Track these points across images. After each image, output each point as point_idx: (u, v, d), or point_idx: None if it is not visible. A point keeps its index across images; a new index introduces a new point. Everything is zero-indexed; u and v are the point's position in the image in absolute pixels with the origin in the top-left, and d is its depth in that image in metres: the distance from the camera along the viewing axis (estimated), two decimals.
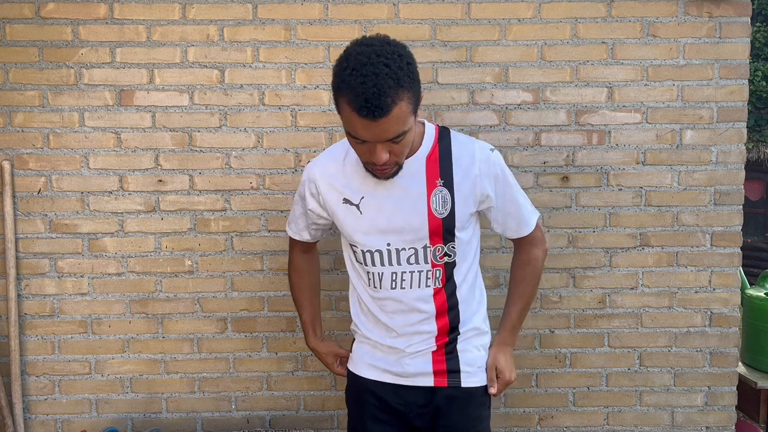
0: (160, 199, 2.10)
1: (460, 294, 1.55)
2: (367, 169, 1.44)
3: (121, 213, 2.10)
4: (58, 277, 2.11)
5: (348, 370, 1.67)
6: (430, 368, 1.55)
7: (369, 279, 1.54)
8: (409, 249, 1.49)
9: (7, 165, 2.05)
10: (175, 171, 2.10)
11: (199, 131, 2.09)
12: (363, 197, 1.49)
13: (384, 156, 1.34)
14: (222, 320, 2.13)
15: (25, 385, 2.12)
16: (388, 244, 1.49)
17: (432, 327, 1.53)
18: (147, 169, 2.09)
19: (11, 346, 2.06)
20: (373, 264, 1.51)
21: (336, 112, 1.35)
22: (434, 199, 1.47)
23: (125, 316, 2.12)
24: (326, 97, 2.08)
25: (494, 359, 1.61)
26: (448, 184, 1.48)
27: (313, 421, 2.16)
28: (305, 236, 1.70)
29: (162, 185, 2.10)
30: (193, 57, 2.06)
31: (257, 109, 2.08)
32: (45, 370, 2.13)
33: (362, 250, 1.51)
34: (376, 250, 1.50)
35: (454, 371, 1.55)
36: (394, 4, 2.06)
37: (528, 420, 2.17)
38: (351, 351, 1.67)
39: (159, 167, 2.09)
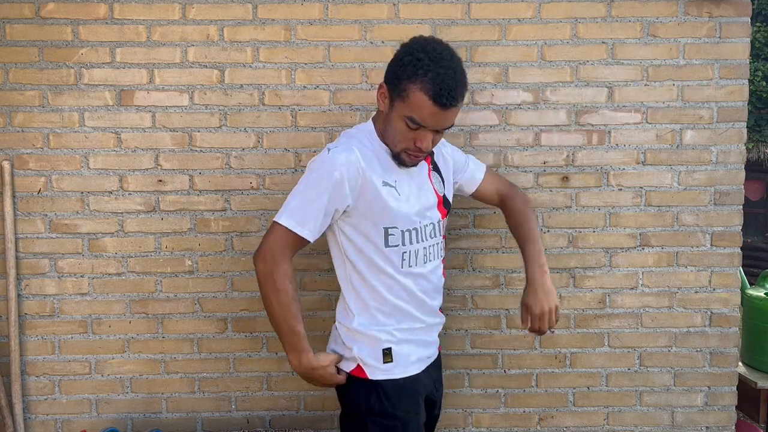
0: (160, 199, 2.10)
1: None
2: (397, 157, 1.57)
3: (121, 213, 2.10)
4: (58, 277, 2.11)
5: (385, 380, 1.59)
6: (438, 340, 1.75)
7: (403, 260, 1.60)
8: (429, 224, 1.65)
9: (7, 165, 2.05)
10: (175, 171, 2.10)
11: (199, 131, 2.09)
12: (396, 180, 1.59)
13: (431, 143, 1.51)
14: (222, 320, 2.13)
15: (25, 385, 2.12)
16: (420, 221, 1.62)
17: (442, 294, 1.74)
18: (147, 169, 2.09)
19: (11, 346, 2.06)
20: (410, 242, 1.60)
21: (385, 102, 1.53)
22: (434, 180, 1.70)
23: (125, 316, 2.12)
24: (326, 97, 2.08)
25: (545, 279, 1.71)
26: (436, 168, 1.73)
27: (313, 421, 2.16)
28: (316, 235, 1.55)
29: (162, 185, 2.10)
30: (193, 57, 2.06)
31: (257, 109, 2.08)
32: (45, 370, 2.13)
33: (402, 230, 1.58)
34: (413, 228, 1.61)
35: (439, 336, 1.76)
36: (394, 4, 2.06)
37: (528, 420, 2.17)
38: (386, 360, 1.60)
39: (159, 167, 2.09)
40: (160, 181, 2.09)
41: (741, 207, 2.13)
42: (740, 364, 2.44)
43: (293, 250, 1.55)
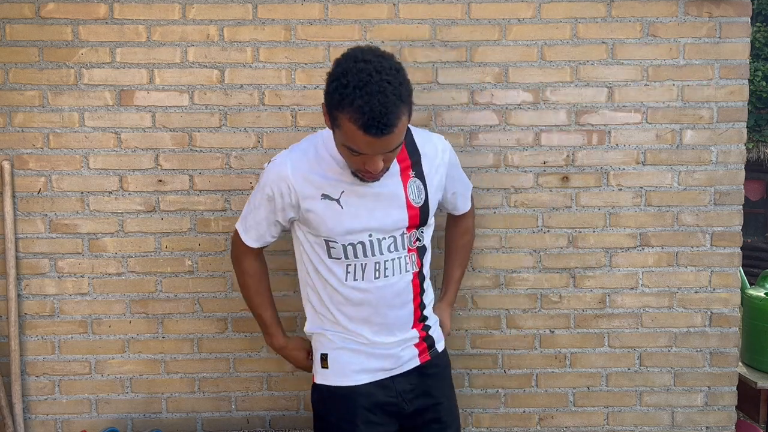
0: (160, 199, 2.10)
1: (426, 275, 1.67)
2: (354, 174, 1.49)
3: (121, 213, 2.10)
4: (58, 277, 2.11)
5: (322, 385, 1.63)
6: (416, 350, 1.65)
7: (347, 273, 1.55)
8: (389, 237, 1.56)
9: (7, 165, 2.05)
10: (175, 171, 2.10)
11: (199, 131, 2.09)
12: (343, 191, 1.52)
13: (380, 164, 1.41)
14: (222, 320, 2.13)
15: (25, 385, 2.12)
16: (370, 235, 1.54)
17: (411, 309, 1.62)
18: (147, 169, 2.09)
19: (11, 346, 2.06)
20: (356, 256, 1.54)
21: (328, 123, 1.43)
22: (410, 189, 1.57)
23: (125, 316, 2.12)
24: None
25: (441, 314, 1.83)
26: (420, 175, 1.59)
27: None
28: (266, 240, 1.66)
29: (162, 185, 2.10)
30: (193, 57, 2.06)
31: (257, 109, 2.08)
32: (45, 370, 2.13)
33: (343, 245, 1.53)
34: (358, 243, 1.53)
35: (431, 344, 1.69)
36: (394, 4, 2.06)
37: (528, 420, 2.17)
38: (323, 365, 1.63)
39: (159, 167, 2.09)
40: (160, 181, 2.09)
41: (741, 207, 2.13)
42: (740, 364, 2.44)
43: (250, 251, 1.69)
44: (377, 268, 1.55)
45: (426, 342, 1.68)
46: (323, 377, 1.63)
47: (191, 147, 2.09)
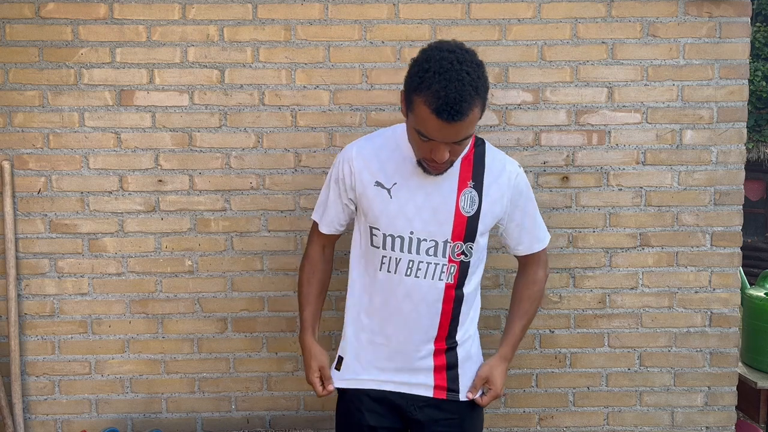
0: (160, 199, 2.10)
1: (466, 295, 1.61)
2: (419, 165, 1.52)
3: (121, 213, 2.10)
4: (58, 277, 2.11)
5: (337, 388, 1.67)
6: (431, 382, 1.61)
7: (382, 264, 1.58)
8: (430, 240, 1.55)
9: (7, 165, 2.05)
10: (175, 171, 2.10)
11: (199, 131, 2.09)
12: (395, 183, 1.56)
13: (446, 155, 1.43)
14: (222, 320, 2.14)
15: (25, 385, 2.12)
16: (411, 232, 1.55)
17: (436, 319, 1.58)
18: (147, 169, 2.09)
19: (11, 346, 2.06)
20: (392, 249, 1.57)
21: (403, 109, 1.46)
22: (463, 197, 1.56)
23: (125, 316, 2.12)
24: (326, 97, 2.08)
25: (491, 371, 1.67)
26: (478, 187, 1.58)
27: (313, 421, 2.16)
28: (335, 228, 1.69)
29: (162, 185, 2.10)
30: (193, 57, 2.06)
31: (257, 109, 2.08)
32: (45, 370, 2.13)
33: (384, 234, 1.56)
34: (398, 236, 1.56)
35: (453, 389, 1.62)
36: (394, 4, 2.06)
37: (528, 420, 2.17)
38: (337, 367, 1.67)
39: (159, 167, 2.09)
40: (160, 181, 2.09)
41: (741, 207, 2.13)
42: (740, 364, 2.44)
43: (319, 238, 1.73)
44: (410, 266, 1.56)
45: (448, 384, 1.62)
46: (337, 379, 1.67)
47: (191, 147, 2.09)
